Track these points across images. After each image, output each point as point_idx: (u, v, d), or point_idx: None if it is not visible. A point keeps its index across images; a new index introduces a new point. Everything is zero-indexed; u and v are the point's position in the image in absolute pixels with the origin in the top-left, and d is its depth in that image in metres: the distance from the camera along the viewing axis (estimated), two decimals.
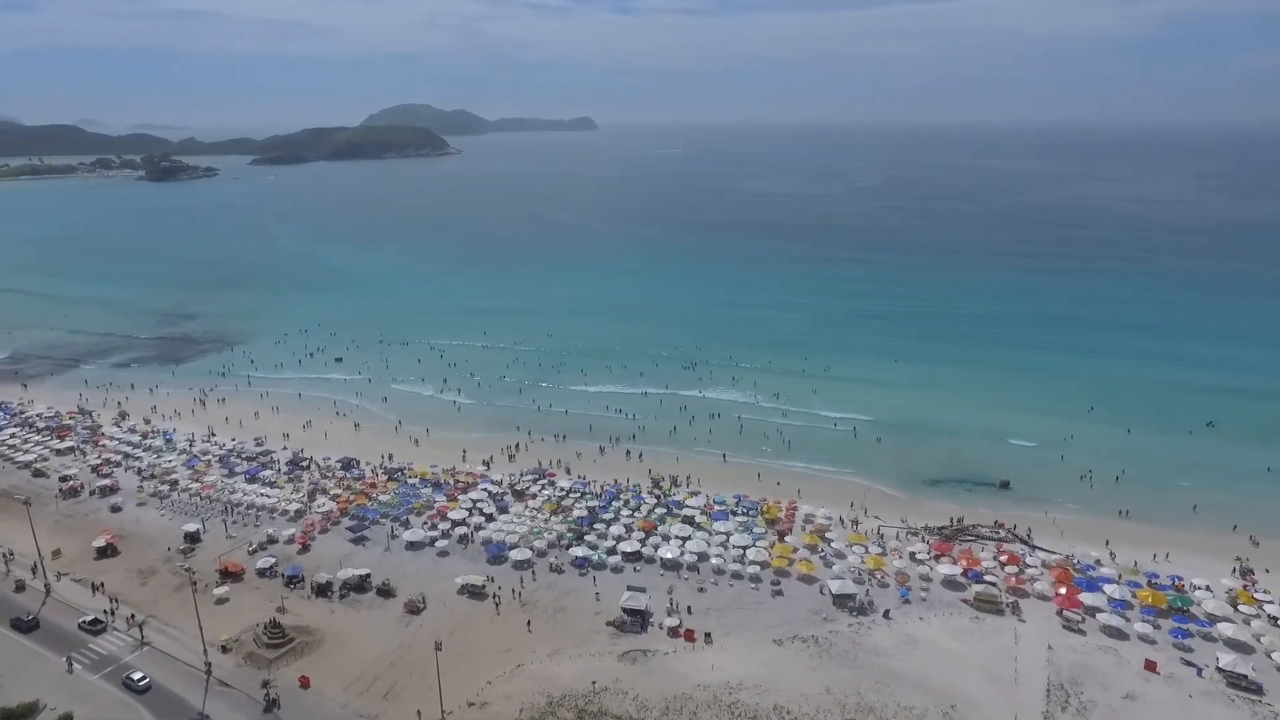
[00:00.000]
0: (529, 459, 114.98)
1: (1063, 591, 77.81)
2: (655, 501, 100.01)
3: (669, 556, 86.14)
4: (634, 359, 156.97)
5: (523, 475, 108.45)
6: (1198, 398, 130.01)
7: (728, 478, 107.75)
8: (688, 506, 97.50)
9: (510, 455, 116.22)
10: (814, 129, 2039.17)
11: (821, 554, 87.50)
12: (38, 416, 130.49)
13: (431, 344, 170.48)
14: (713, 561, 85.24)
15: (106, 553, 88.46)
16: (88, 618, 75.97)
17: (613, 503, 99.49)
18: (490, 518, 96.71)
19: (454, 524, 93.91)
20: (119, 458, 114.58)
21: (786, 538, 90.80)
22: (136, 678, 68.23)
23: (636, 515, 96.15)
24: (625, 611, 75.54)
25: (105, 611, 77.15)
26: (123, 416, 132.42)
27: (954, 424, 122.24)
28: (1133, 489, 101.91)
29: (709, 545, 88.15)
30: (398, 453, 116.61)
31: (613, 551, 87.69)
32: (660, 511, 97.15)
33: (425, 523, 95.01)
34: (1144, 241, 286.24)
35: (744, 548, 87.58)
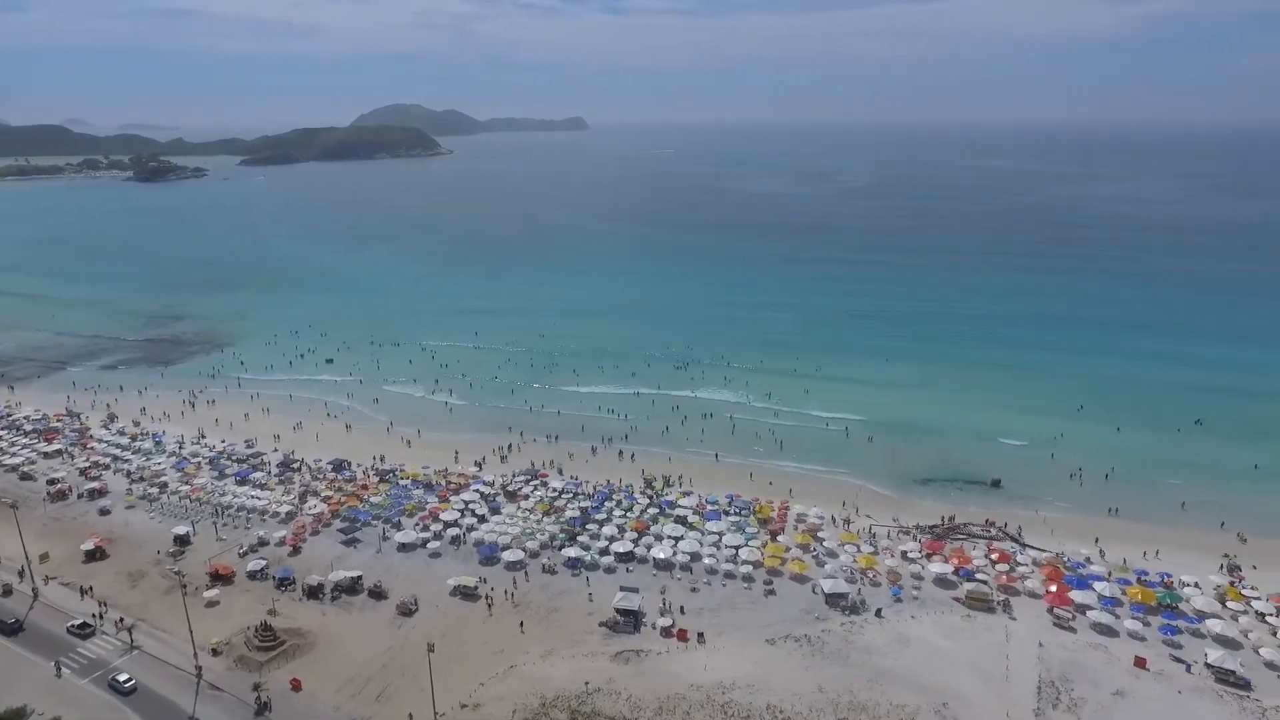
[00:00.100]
0: (521, 460, 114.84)
1: (1053, 589, 78.28)
2: (648, 502, 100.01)
3: (662, 557, 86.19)
4: (626, 359, 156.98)
5: (515, 476, 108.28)
6: (1187, 396, 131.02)
7: (720, 478, 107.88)
8: (680, 506, 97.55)
9: (502, 456, 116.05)
10: (807, 129, 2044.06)
11: (814, 553, 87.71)
12: (25, 419, 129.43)
13: (423, 345, 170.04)
14: (705, 561, 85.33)
15: (95, 556, 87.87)
16: (76, 621, 75.39)
17: (605, 503, 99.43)
18: (482, 519, 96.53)
19: (446, 525, 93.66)
20: (108, 460, 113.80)
21: (779, 537, 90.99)
22: (122, 679, 67.85)
23: (629, 515, 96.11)
24: (618, 612, 75.51)
25: (94, 615, 76.60)
26: (111, 419, 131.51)
27: (945, 423, 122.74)
28: (1122, 487, 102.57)
29: (701, 545, 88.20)
30: (389, 454, 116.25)
31: (605, 552, 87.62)
32: (653, 512, 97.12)
33: (417, 524, 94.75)
34: (1136, 241, 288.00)
35: (736, 547, 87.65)
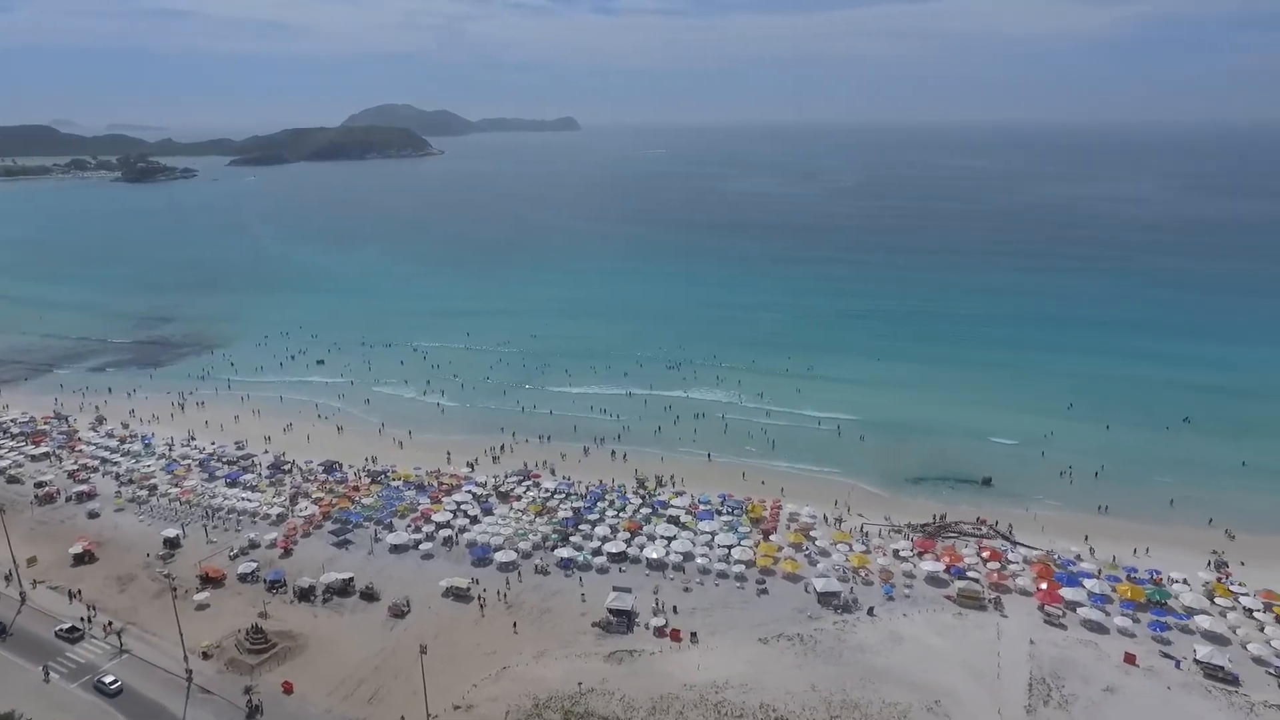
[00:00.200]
0: (514, 460, 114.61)
1: (1044, 586, 78.67)
2: (640, 502, 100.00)
3: (654, 556, 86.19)
4: (618, 359, 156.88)
5: (507, 477, 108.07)
6: (1175, 394, 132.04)
7: (712, 477, 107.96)
8: (673, 506, 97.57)
9: (495, 457, 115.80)
10: (798, 129, 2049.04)
11: (806, 552, 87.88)
12: (12, 422, 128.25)
13: (414, 346, 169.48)
14: (698, 561, 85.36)
15: (84, 560, 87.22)
16: (65, 626, 74.80)
17: (598, 503, 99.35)
18: (475, 520, 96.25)
19: (438, 526, 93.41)
20: (96, 463, 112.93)
21: (771, 536, 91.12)
22: (108, 681, 67.49)
23: (622, 516, 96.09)
24: (611, 612, 75.47)
25: (82, 619, 76.01)
26: (100, 421, 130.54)
27: (937, 422, 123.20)
28: (1112, 484, 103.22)
29: (694, 545, 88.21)
30: (381, 455, 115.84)
31: (598, 552, 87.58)
32: (645, 512, 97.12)
33: (409, 525, 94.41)
34: (1126, 240, 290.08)
35: (729, 547, 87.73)
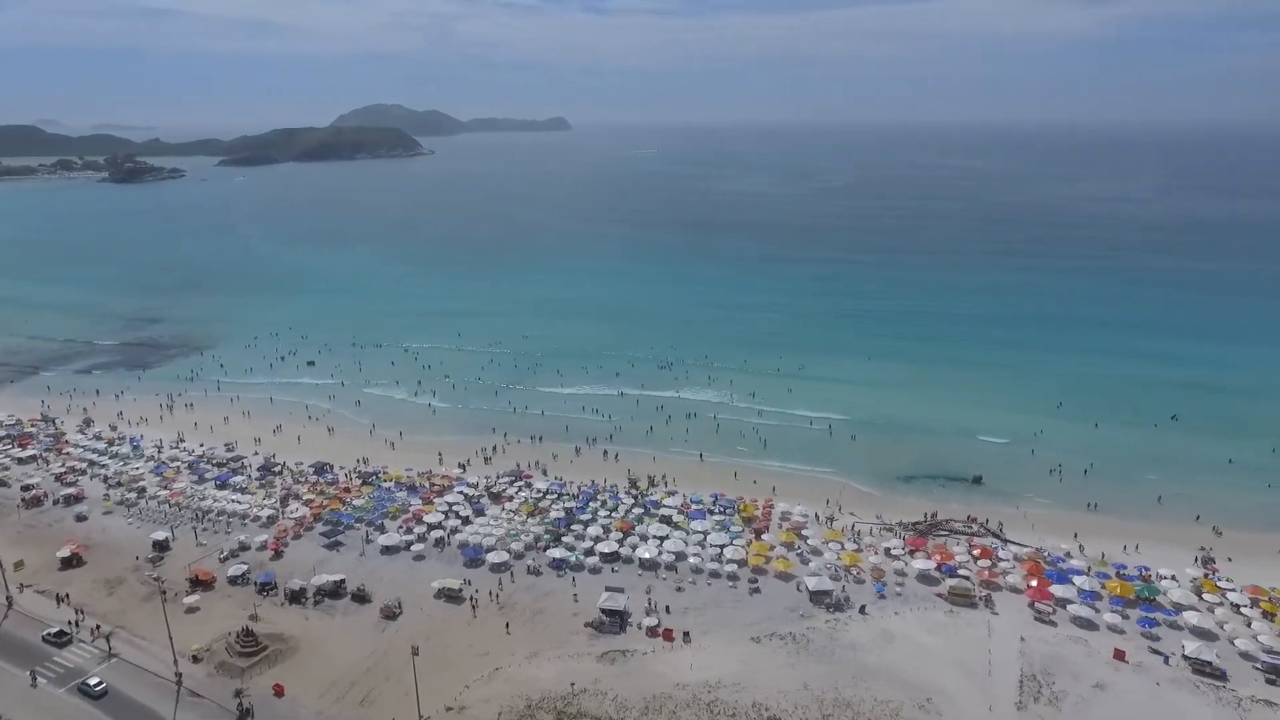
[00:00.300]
0: (505, 461, 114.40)
1: (1034, 584, 79.11)
2: (632, 502, 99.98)
3: (647, 556, 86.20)
4: (610, 360, 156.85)
5: (499, 477, 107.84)
6: (1163, 392, 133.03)
7: (704, 477, 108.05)
8: (665, 506, 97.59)
9: (486, 458, 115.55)
10: (789, 129, 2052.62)
11: (798, 551, 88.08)
12: None
13: (405, 346, 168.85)
14: (690, 561, 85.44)
15: (72, 563, 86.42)
16: (52, 630, 74.09)
17: (590, 503, 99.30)
18: (467, 520, 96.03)
19: (430, 527, 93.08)
20: (84, 465, 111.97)
21: (763, 536, 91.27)
22: (92, 683, 67.03)
23: (614, 516, 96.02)
24: (603, 612, 75.41)
25: (70, 623, 75.38)
26: (87, 423, 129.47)
27: (927, 421, 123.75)
28: (1101, 482, 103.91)
29: (686, 544, 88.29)
30: (372, 457, 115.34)
31: (590, 552, 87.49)
32: (638, 511, 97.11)
33: (401, 527, 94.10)
34: (1111, 240, 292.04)
35: (721, 546, 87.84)
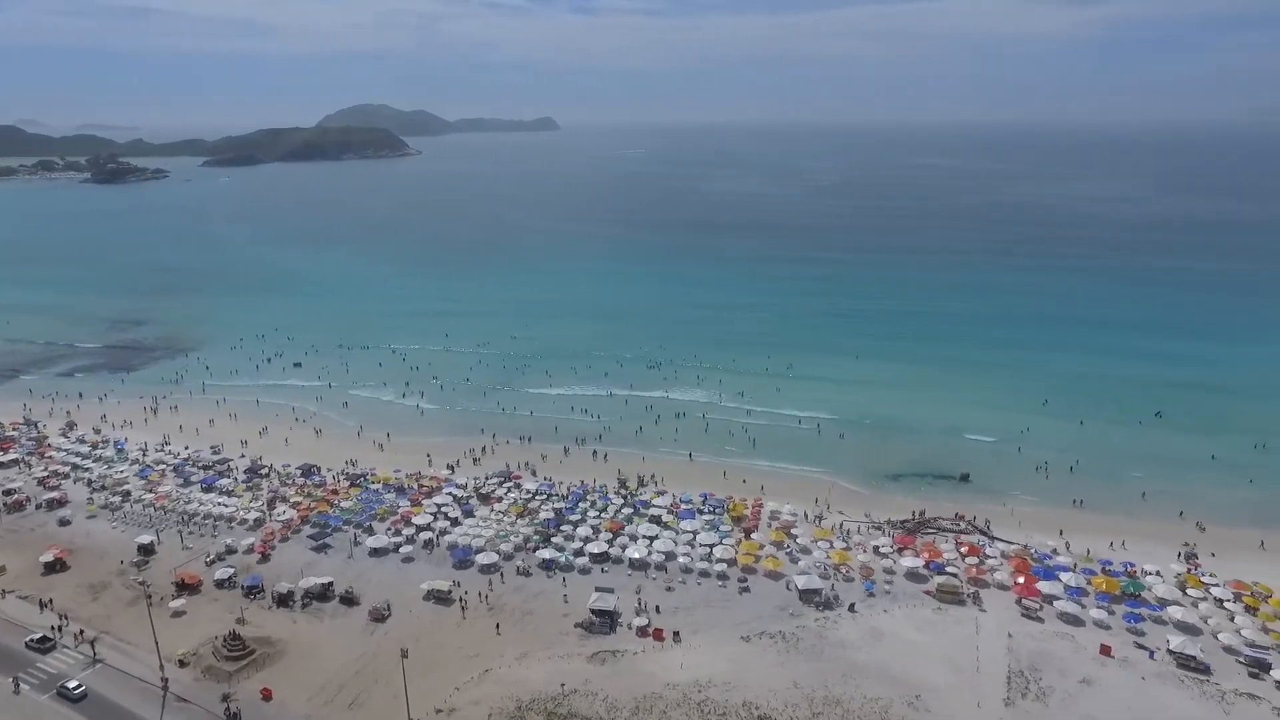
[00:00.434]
0: (494, 462, 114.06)
1: (1021, 581, 79.73)
2: (622, 502, 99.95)
3: (636, 556, 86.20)
4: (598, 360, 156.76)
5: (488, 478, 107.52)
6: (1147, 390, 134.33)
7: (694, 477, 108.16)
8: (654, 506, 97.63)
9: (475, 459, 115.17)
10: (777, 129, 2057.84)
11: (787, 550, 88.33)
12: None
13: (393, 348, 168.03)
14: (680, 560, 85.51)
15: (55, 568, 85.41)
16: (35, 636, 73.26)
17: (579, 504, 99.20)
18: (455, 522, 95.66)
19: (419, 529, 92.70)
20: (67, 469, 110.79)
21: (753, 535, 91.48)
22: (71, 686, 66.47)
23: (603, 516, 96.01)
24: (593, 612, 75.36)
25: (53, 628, 74.53)
26: (70, 426, 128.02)
27: (915, 420, 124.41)
28: (1086, 479, 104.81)
29: (676, 544, 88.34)
30: (360, 458, 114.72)
31: (580, 553, 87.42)
32: (627, 512, 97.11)
33: (389, 529, 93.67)
34: (1095, 239, 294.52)
35: (711, 546, 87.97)
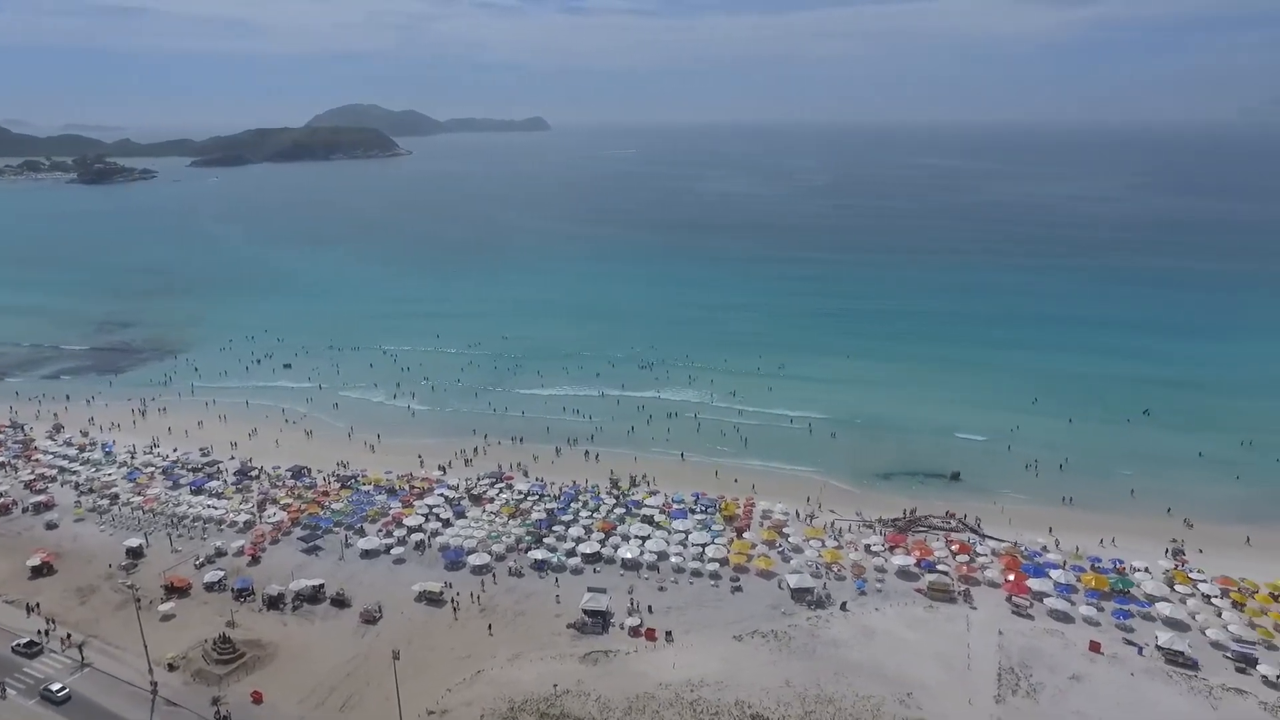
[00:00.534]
0: (486, 463, 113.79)
1: (1011, 578, 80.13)
2: (614, 502, 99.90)
3: (628, 556, 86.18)
4: (590, 360, 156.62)
5: (480, 479, 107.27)
6: (1135, 388, 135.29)
7: (686, 476, 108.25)
8: (646, 506, 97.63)
9: (467, 460, 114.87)
10: (769, 130, 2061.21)
11: (779, 549, 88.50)
12: None
13: (383, 349, 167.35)
14: (672, 560, 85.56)
15: (42, 572, 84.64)
16: (22, 640, 72.53)
17: (571, 504, 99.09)
18: (447, 523, 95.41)
19: (410, 530, 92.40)
20: (54, 472, 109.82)
21: (745, 534, 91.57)
22: (55, 688, 65.97)
23: (595, 516, 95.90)
24: (586, 613, 75.30)
25: (41, 633, 73.86)
26: (57, 429, 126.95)
27: (906, 419, 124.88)
28: (1075, 477, 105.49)
29: (668, 544, 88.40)
30: (351, 460, 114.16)
31: (572, 553, 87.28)
32: (619, 512, 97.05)
33: (380, 530, 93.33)
34: (1081, 238, 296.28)
35: (703, 545, 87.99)
